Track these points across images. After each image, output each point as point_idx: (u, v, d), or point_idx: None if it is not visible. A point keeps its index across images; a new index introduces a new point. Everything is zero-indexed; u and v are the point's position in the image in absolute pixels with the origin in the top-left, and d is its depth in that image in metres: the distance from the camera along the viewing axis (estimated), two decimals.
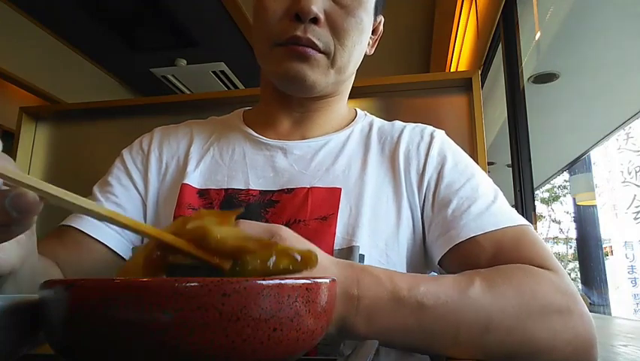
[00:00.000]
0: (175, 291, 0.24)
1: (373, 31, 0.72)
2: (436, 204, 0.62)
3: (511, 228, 0.57)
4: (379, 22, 0.73)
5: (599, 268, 5.80)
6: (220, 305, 0.24)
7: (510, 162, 1.81)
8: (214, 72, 3.35)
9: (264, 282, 0.26)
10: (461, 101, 1.29)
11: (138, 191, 0.69)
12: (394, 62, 3.19)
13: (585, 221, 6.17)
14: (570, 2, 2.11)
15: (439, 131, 0.71)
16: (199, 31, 2.91)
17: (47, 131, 1.59)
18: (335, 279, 0.32)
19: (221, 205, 0.64)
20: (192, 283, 0.24)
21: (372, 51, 0.74)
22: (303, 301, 0.27)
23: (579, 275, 6.40)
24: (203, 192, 0.66)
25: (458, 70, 2.80)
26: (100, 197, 0.67)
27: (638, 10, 2.14)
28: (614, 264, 5.73)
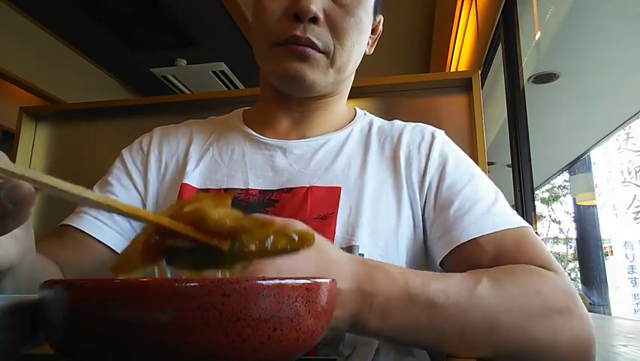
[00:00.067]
0: (175, 291, 0.24)
1: (373, 31, 0.72)
2: (437, 205, 0.62)
3: (511, 229, 0.57)
4: (379, 21, 0.72)
5: (599, 268, 5.80)
6: (220, 305, 0.24)
7: (510, 162, 1.81)
8: (214, 72, 3.34)
9: (264, 282, 0.26)
10: (461, 101, 1.29)
11: (138, 191, 0.69)
12: (394, 62, 3.18)
13: (585, 221, 6.16)
14: (570, 2, 2.11)
15: (439, 132, 0.71)
16: (199, 31, 2.91)
17: (47, 131, 1.58)
18: (335, 279, 0.32)
19: None
20: (192, 283, 0.24)
21: (372, 51, 0.74)
22: (303, 301, 0.27)
23: (579, 275, 6.40)
24: (202, 192, 0.66)
25: (458, 70, 2.80)
26: None
27: (638, 10, 2.14)
28: (614, 264, 5.73)
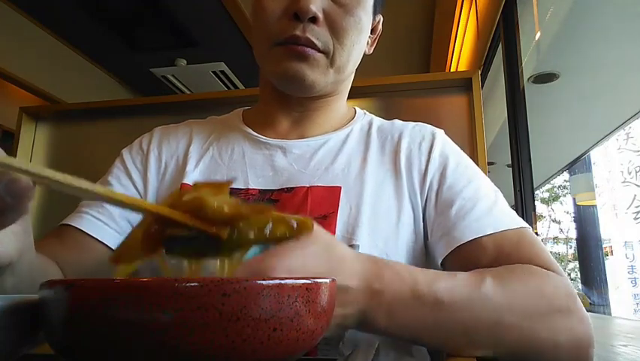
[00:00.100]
0: (175, 291, 0.24)
1: (372, 31, 0.72)
2: (438, 205, 0.62)
3: (512, 230, 0.57)
4: (378, 21, 0.73)
5: (599, 268, 5.80)
6: (220, 305, 0.24)
7: (510, 162, 1.81)
8: (214, 72, 3.34)
9: (264, 282, 0.26)
10: (461, 101, 1.29)
11: (138, 190, 0.69)
12: (394, 62, 3.18)
13: (585, 221, 6.16)
14: (570, 2, 2.11)
15: (439, 131, 0.71)
16: (199, 31, 2.90)
17: (47, 131, 1.58)
18: (335, 279, 0.32)
19: None
20: (192, 283, 0.24)
21: (372, 50, 0.74)
22: (303, 301, 0.27)
23: (579, 275, 6.40)
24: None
25: (458, 70, 2.79)
26: None
27: (638, 10, 2.14)
28: (614, 264, 5.73)
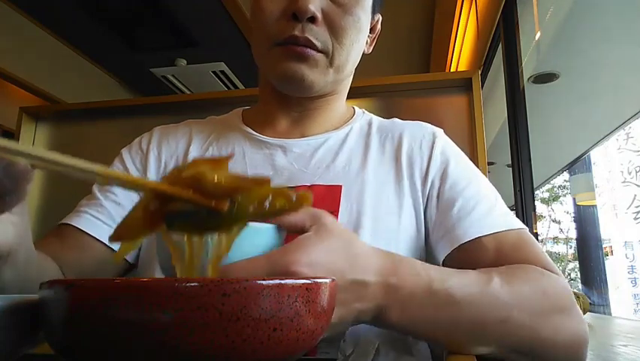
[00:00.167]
0: (175, 291, 0.24)
1: (371, 30, 0.72)
2: (440, 204, 0.62)
3: (512, 230, 0.58)
4: (377, 20, 0.73)
5: (599, 268, 5.80)
6: (220, 305, 0.24)
7: (510, 162, 1.81)
8: (214, 72, 3.34)
9: (263, 282, 0.26)
10: (461, 101, 1.29)
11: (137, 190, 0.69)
12: (394, 62, 3.18)
13: (585, 221, 6.16)
14: (570, 2, 2.11)
15: (439, 130, 0.71)
16: (199, 31, 2.90)
17: (47, 131, 1.58)
18: (335, 279, 0.32)
19: None
20: (192, 283, 0.24)
21: (371, 50, 0.74)
22: (303, 301, 0.27)
23: (579, 275, 6.40)
24: None
25: (458, 70, 2.80)
26: (99, 196, 0.67)
27: (639, 10, 2.13)
28: (614, 264, 5.72)
